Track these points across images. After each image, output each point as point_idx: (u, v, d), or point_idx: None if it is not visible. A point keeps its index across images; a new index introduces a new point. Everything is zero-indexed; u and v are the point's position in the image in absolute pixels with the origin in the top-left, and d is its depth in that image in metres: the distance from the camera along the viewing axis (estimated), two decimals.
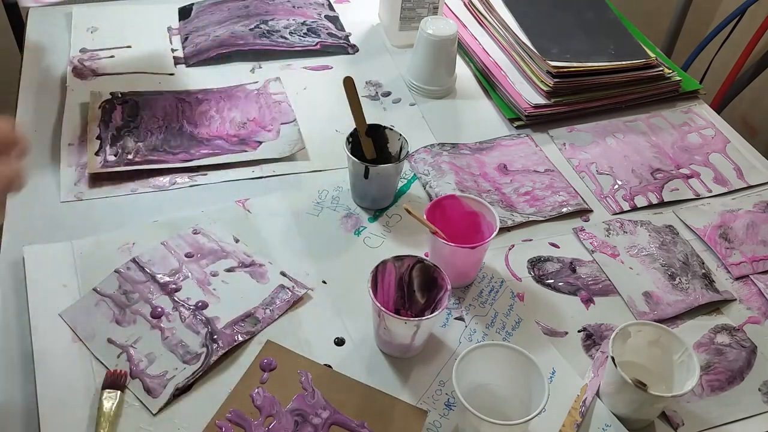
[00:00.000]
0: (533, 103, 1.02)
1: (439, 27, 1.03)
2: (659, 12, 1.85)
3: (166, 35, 1.14)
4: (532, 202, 0.91)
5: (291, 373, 0.71)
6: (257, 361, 0.71)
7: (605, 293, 0.81)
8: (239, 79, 1.06)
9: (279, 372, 0.71)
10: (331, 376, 0.71)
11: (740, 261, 0.86)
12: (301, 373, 0.71)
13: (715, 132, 1.06)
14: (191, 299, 0.76)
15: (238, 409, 0.67)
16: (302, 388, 0.69)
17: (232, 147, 0.94)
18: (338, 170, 0.93)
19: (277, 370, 0.71)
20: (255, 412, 0.67)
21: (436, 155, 0.95)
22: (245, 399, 0.68)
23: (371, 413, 0.68)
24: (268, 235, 0.84)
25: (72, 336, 0.72)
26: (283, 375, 0.70)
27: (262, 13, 1.17)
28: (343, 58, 1.13)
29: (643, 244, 0.87)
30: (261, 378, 0.70)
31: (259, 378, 0.70)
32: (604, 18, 1.14)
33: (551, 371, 0.73)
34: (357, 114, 0.85)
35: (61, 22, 1.14)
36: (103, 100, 0.98)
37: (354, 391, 0.70)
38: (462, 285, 0.80)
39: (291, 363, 0.72)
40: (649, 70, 1.06)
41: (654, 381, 0.68)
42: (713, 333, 0.78)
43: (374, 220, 0.88)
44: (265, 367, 0.71)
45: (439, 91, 1.07)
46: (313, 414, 0.68)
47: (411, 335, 0.69)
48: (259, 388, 0.69)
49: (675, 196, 0.94)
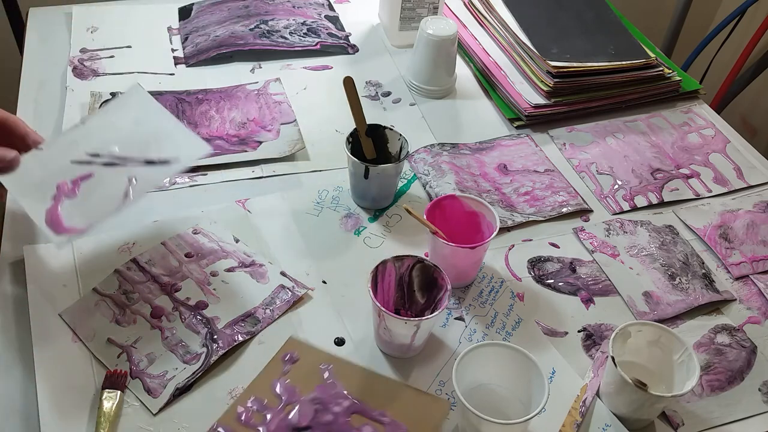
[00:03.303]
0: (533, 103, 1.02)
1: (439, 27, 1.03)
2: (659, 12, 1.85)
3: (166, 35, 1.14)
4: (532, 202, 0.91)
5: (313, 366, 0.71)
6: (279, 356, 0.72)
7: (605, 293, 0.81)
8: (239, 79, 1.06)
9: (301, 365, 0.71)
10: (354, 369, 0.71)
11: (740, 261, 0.86)
12: (323, 367, 0.71)
13: (715, 132, 1.06)
14: (191, 299, 0.76)
15: (260, 396, 0.68)
16: (323, 380, 0.69)
17: (232, 147, 0.94)
18: (338, 170, 0.93)
19: (299, 363, 0.71)
20: (275, 401, 0.67)
21: (436, 155, 0.95)
22: (266, 388, 0.69)
23: (393, 403, 0.68)
24: (268, 235, 0.84)
25: (72, 336, 0.72)
26: (304, 368, 0.71)
27: (262, 13, 1.17)
28: (343, 58, 1.13)
29: (643, 244, 0.87)
30: (283, 370, 0.70)
31: (281, 370, 0.70)
32: (604, 18, 1.14)
33: (551, 371, 0.73)
34: (357, 114, 0.85)
35: (61, 22, 1.14)
36: (103, 100, 0.98)
37: (376, 382, 0.70)
38: (462, 285, 0.80)
39: (313, 357, 0.72)
40: (649, 70, 1.06)
41: (654, 381, 0.69)
42: (713, 333, 0.78)
43: (374, 220, 0.88)
44: (287, 361, 0.71)
45: (439, 91, 1.07)
46: (333, 403, 0.67)
47: (411, 335, 0.69)
48: (281, 378, 0.69)
49: (675, 196, 0.94)
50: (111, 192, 0.73)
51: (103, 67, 1.05)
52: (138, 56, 1.08)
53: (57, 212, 0.71)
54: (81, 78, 1.03)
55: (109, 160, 0.75)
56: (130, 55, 1.08)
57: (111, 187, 0.73)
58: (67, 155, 0.75)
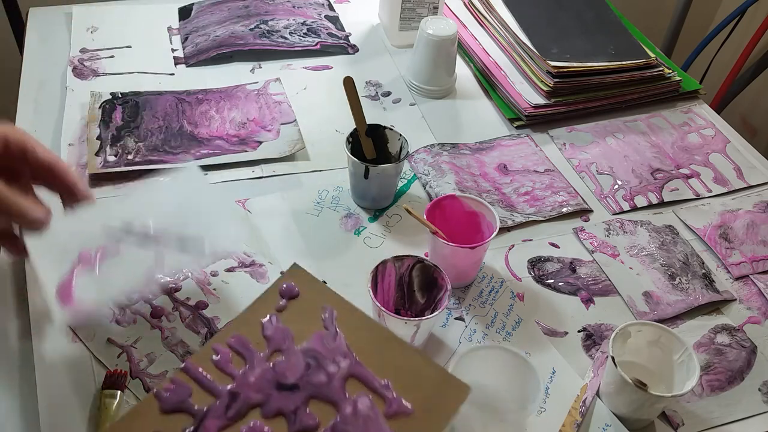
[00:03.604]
0: (533, 103, 1.02)
1: (439, 27, 1.03)
2: (659, 12, 1.85)
3: (166, 35, 1.14)
4: (532, 202, 0.91)
5: (313, 306, 0.61)
6: (277, 286, 0.62)
7: (605, 293, 0.81)
8: (239, 79, 1.06)
9: (300, 302, 0.61)
10: (361, 319, 0.60)
11: (740, 261, 0.86)
12: (325, 308, 0.61)
13: (715, 132, 1.06)
14: (191, 299, 0.76)
15: (244, 335, 0.58)
16: (323, 326, 0.59)
17: (232, 147, 0.94)
18: (338, 170, 0.93)
19: (298, 300, 0.61)
20: (261, 343, 0.58)
21: (436, 155, 0.95)
22: (254, 326, 0.59)
23: (401, 374, 0.56)
24: (268, 235, 0.84)
25: (72, 336, 0.72)
26: (303, 306, 0.61)
27: (262, 13, 1.17)
28: (343, 58, 1.13)
29: (643, 244, 0.87)
30: (277, 305, 0.61)
31: (275, 305, 0.61)
32: (604, 18, 1.14)
33: (551, 371, 0.73)
34: (357, 114, 0.85)
35: (61, 22, 1.14)
36: (103, 100, 0.98)
37: (387, 343, 0.58)
38: (462, 285, 0.80)
39: (316, 295, 0.62)
40: (649, 70, 1.06)
41: (654, 381, 0.69)
42: (713, 333, 0.78)
43: (374, 220, 0.88)
44: (285, 293, 0.62)
45: (439, 91, 1.07)
46: (329, 359, 0.57)
47: (411, 335, 0.69)
48: (274, 315, 0.60)
49: (675, 196, 0.94)
50: (133, 272, 0.66)
51: (103, 67, 1.05)
52: (138, 56, 1.08)
53: (71, 283, 0.64)
54: (81, 78, 1.03)
55: (141, 237, 0.68)
56: (130, 55, 1.08)
57: (135, 267, 0.66)
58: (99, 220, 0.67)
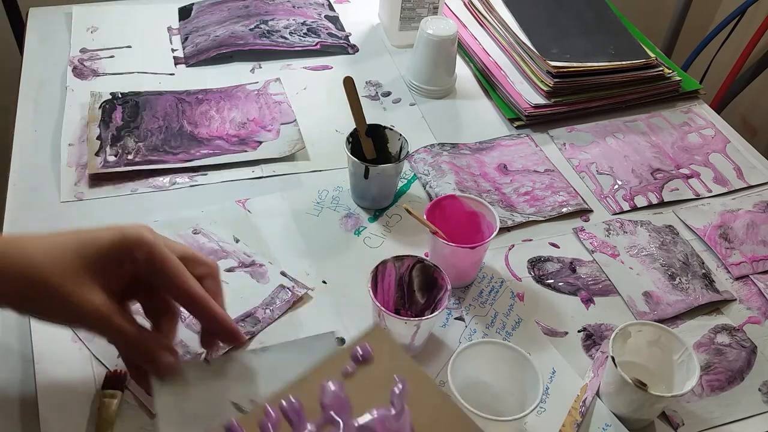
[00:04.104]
0: (533, 103, 1.02)
1: (439, 27, 1.03)
2: (659, 12, 1.86)
3: (166, 35, 1.14)
4: (532, 202, 0.91)
5: (385, 376, 0.55)
6: (350, 348, 0.57)
7: (605, 293, 0.81)
8: (239, 79, 1.06)
9: (371, 369, 0.56)
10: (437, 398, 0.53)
11: (740, 261, 0.86)
12: (397, 380, 0.54)
13: (715, 132, 1.06)
14: None
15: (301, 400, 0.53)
16: (390, 401, 0.53)
17: (232, 147, 0.94)
18: (338, 170, 0.93)
19: (370, 367, 0.56)
20: (316, 410, 0.53)
21: (436, 155, 0.95)
22: (313, 389, 0.54)
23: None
24: (268, 235, 0.84)
25: (72, 336, 0.72)
26: (374, 374, 0.55)
27: (262, 13, 1.17)
28: (343, 58, 1.13)
29: (643, 244, 0.87)
30: (345, 369, 0.56)
31: (342, 368, 0.56)
32: (604, 18, 1.14)
33: (551, 371, 0.73)
34: (357, 114, 0.85)
35: (61, 22, 1.14)
36: (103, 100, 0.98)
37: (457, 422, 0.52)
38: (462, 285, 0.80)
39: (390, 363, 0.56)
40: (649, 70, 1.06)
41: (654, 381, 0.69)
42: (713, 333, 0.78)
43: (374, 220, 0.88)
44: (357, 357, 0.56)
45: (439, 91, 1.07)
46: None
47: (411, 335, 0.69)
48: (338, 382, 0.55)
49: (675, 196, 0.94)
50: None
51: (103, 67, 1.05)
52: (138, 56, 1.08)
53: None
54: (81, 78, 1.03)
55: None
56: (130, 55, 1.08)
57: None
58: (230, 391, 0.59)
